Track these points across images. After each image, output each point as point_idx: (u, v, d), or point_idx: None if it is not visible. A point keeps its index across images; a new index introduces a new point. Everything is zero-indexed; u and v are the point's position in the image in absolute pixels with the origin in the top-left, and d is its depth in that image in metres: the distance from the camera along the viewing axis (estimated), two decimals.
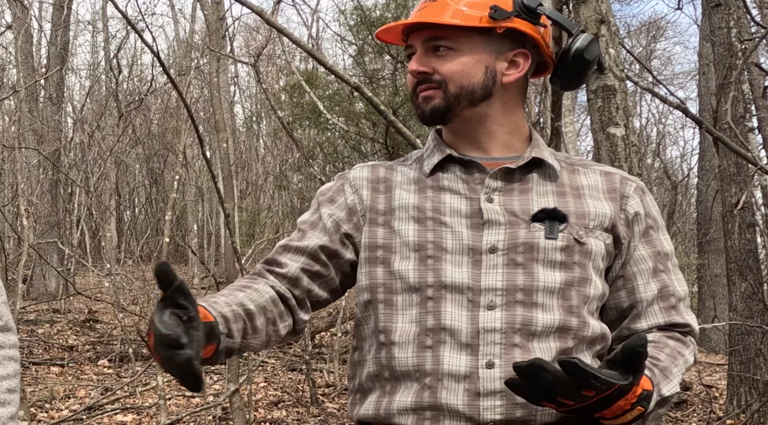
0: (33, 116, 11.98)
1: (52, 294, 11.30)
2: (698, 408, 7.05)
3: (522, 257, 1.39)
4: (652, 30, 20.45)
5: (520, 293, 1.37)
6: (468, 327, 1.36)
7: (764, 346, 6.24)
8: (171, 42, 20.71)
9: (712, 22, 6.63)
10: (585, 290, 1.41)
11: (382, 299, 1.42)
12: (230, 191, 5.99)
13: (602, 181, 1.50)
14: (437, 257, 1.39)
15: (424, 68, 1.46)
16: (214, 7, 7.63)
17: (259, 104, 18.97)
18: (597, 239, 1.43)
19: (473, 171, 1.47)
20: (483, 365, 1.34)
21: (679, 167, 22.19)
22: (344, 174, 1.56)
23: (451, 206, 1.44)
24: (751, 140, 5.63)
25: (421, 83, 1.47)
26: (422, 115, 1.48)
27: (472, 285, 1.37)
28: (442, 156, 1.49)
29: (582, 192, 1.47)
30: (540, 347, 1.36)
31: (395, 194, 1.48)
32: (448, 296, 1.37)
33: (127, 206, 19.99)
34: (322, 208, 1.52)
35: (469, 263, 1.39)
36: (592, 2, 2.78)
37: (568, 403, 1.23)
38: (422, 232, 1.42)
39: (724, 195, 6.60)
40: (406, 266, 1.41)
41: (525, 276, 1.38)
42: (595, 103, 2.74)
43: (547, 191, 1.46)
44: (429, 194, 1.47)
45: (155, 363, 5.65)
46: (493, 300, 1.37)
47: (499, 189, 1.45)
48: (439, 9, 1.45)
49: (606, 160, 2.69)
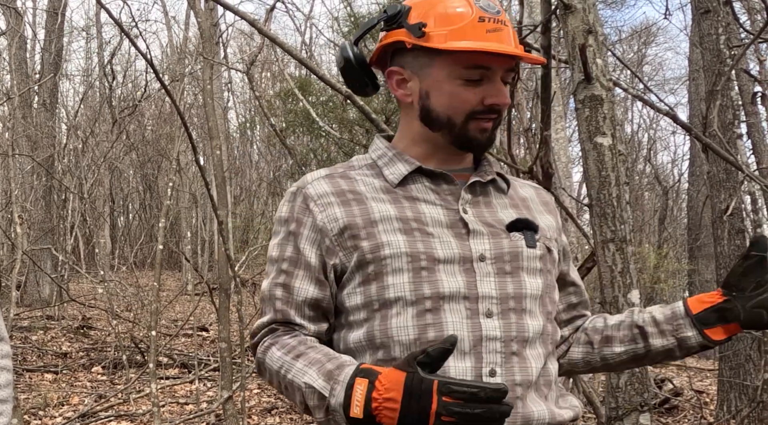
0: (27, 123, 11.99)
1: (46, 301, 11.29)
2: (689, 414, 7.09)
3: (509, 265, 1.43)
4: (643, 36, 20.55)
5: (512, 300, 1.41)
6: (470, 336, 1.36)
7: (754, 352, 6.27)
8: (165, 48, 20.72)
9: (702, 28, 6.67)
10: (553, 295, 1.51)
11: (379, 316, 1.40)
12: (223, 198, 6.01)
13: (534, 194, 1.60)
14: (431, 269, 1.39)
15: (509, 101, 1.45)
16: (207, 13, 7.66)
17: (253, 110, 19.00)
18: (555, 248, 1.53)
19: (441, 183, 1.48)
20: (486, 373, 1.36)
21: (670, 172, 22.30)
22: (301, 190, 1.49)
23: (431, 216, 1.44)
24: (740, 147, 5.67)
25: (491, 113, 1.44)
26: (479, 145, 1.47)
27: (468, 294, 1.38)
28: (410, 167, 1.48)
29: (528, 204, 1.55)
30: (531, 353, 1.40)
31: (371, 206, 1.44)
32: (446, 306, 1.37)
33: (121, 212, 19.98)
34: (299, 240, 1.47)
35: (461, 272, 1.39)
36: (579, 13, 2.81)
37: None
38: (412, 242, 1.40)
39: (714, 201, 6.65)
40: (401, 280, 1.39)
41: (514, 284, 1.42)
42: (583, 112, 2.77)
43: (505, 204, 1.51)
44: (405, 204, 1.45)
45: (146, 373, 5.62)
46: (490, 308, 1.39)
47: (469, 201, 1.47)
48: (514, 37, 1.45)
49: (593, 169, 2.72)
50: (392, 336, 1.38)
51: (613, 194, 2.66)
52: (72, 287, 12.35)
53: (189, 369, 8.16)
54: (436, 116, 1.46)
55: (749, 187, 5.48)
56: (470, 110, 1.44)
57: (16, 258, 7.46)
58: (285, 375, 1.38)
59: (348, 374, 1.28)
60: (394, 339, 1.37)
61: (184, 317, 10.69)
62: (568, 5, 2.75)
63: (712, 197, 6.86)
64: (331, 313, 1.47)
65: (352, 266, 1.42)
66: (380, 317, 1.40)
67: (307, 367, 1.35)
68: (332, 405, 1.28)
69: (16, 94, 10.45)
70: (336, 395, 1.27)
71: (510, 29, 1.45)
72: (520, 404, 1.37)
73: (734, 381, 6.41)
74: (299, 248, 1.46)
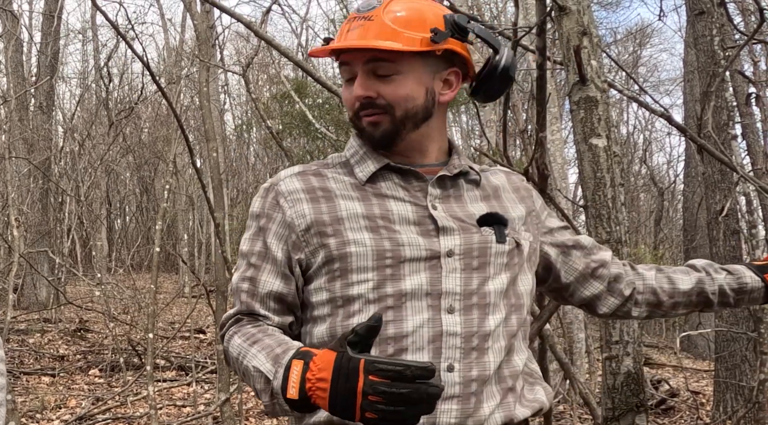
0: (23, 125, 11.98)
1: (43, 304, 11.28)
2: (685, 415, 7.10)
3: (477, 261, 1.45)
4: (638, 37, 20.59)
5: (475, 296, 1.43)
6: (430, 332, 1.39)
7: (750, 353, 6.29)
8: (161, 51, 20.72)
9: (696, 29, 6.70)
10: (520, 288, 1.51)
11: (342, 312, 1.43)
12: (220, 200, 6.01)
13: (505, 180, 1.62)
14: (395, 266, 1.41)
15: (369, 93, 1.46)
16: (203, 16, 7.66)
17: (250, 112, 18.99)
18: (525, 240, 1.54)
19: (410, 179, 1.51)
20: (444, 368, 1.38)
21: (666, 173, 22.31)
22: (273, 187, 1.53)
23: (399, 214, 1.46)
24: (735, 148, 5.69)
25: (365, 108, 1.48)
26: (371, 140, 1.50)
27: (431, 290, 1.40)
28: (379, 164, 1.50)
29: (499, 193, 1.57)
30: (493, 346, 1.42)
31: (339, 203, 1.47)
32: (408, 303, 1.39)
33: (118, 214, 19.97)
34: (267, 235, 1.50)
35: (426, 269, 1.41)
36: (574, 14, 2.82)
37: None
38: (378, 240, 1.42)
39: (709, 202, 6.67)
40: (365, 277, 1.41)
41: (478, 280, 1.44)
42: (578, 114, 2.78)
43: (477, 197, 1.54)
44: (374, 201, 1.47)
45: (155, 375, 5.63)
46: (452, 304, 1.40)
47: (439, 197, 1.50)
48: (377, 30, 1.45)
49: (588, 170, 2.73)
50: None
51: (608, 195, 2.67)
52: (69, 289, 12.34)
53: (186, 371, 8.16)
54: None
55: (744, 188, 5.49)
56: (353, 107, 1.50)
57: (13, 261, 7.46)
58: (242, 361, 1.40)
59: (289, 356, 1.30)
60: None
61: (181, 319, 10.69)
62: (562, 7, 2.76)
63: (707, 198, 6.87)
64: (297, 307, 1.50)
65: (318, 262, 1.45)
66: (343, 314, 1.42)
67: (259, 352, 1.37)
68: (274, 388, 1.30)
69: (12, 97, 10.45)
70: (277, 377, 1.30)
71: (379, 21, 1.46)
72: (473, 400, 1.38)
73: (730, 382, 6.42)
74: (267, 243, 1.50)
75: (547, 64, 3.33)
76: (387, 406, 1.17)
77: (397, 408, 1.17)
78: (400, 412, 1.17)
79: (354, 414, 1.19)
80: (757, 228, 5.43)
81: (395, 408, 1.17)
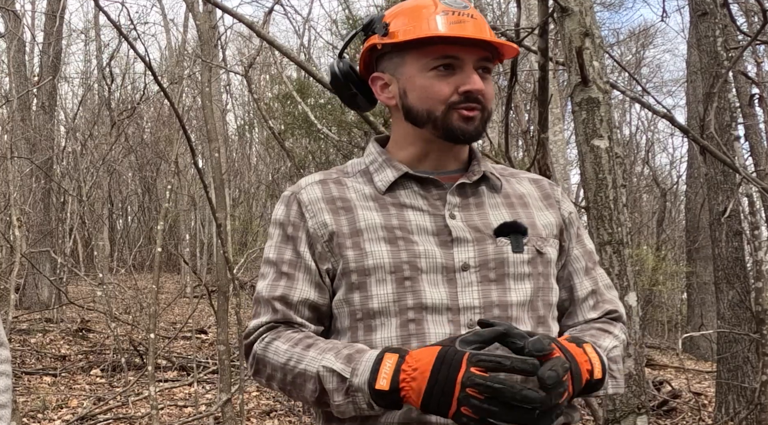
0: (25, 125, 11.98)
1: (45, 304, 11.29)
2: (687, 416, 7.09)
3: (494, 273, 1.41)
4: (640, 38, 20.57)
5: (496, 309, 1.39)
6: None
7: (752, 354, 6.28)
8: (163, 51, 20.74)
9: (699, 30, 6.69)
10: (548, 298, 1.46)
11: (362, 326, 1.40)
12: (222, 200, 6.02)
13: (534, 188, 1.57)
14: (414, 278, 1.38)
15: (486, 89, 1.46)
16: (206, 16, 7.66)
17: (252, 112, 19.01)
18: (551, 247, 1.49)
19: (430, 188, 1.49)
20: None
21: (668, 174, 22.27)
22: (295, 196, 1.51)
23: (417, 224, 1.44)
24: (738, 149, 5.68)
25: (471, 101, 1.44)
26: (465, 134, 1.46)
27: (451, 305, 1.37)
28: (397, 173, 1.49)
29: (525, 201, 1.52)
30: None
31: (358, 214, 1.45)
32: (428, 317, 1.37)
33: (120, 214, 19.97)
34: (298, 244, 1.48)
35: (444, 283, 1.39)
36: (576, 15, 2.81)
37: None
38: (395, 252, 1.40)
39: (711, 203, 6.66)
40: (384, 290, 1.39)
41: (498, 292, 1.40)
42: (580, 115, 2.78)
43: (498, 204, 1.50)
44: (392, 211, 1.45)
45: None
46: (472, 319, 1.37)
47: (458, 205, 1.47)
48: (484, 28, 1.46)
49: (590, 171, 2.73)
50: (376, 346, 1.37)
51: (609, 196, 2.66)
52: (71, 289, 12.34)
53: (188, 371, 8.16)
54: (417, 112, 1.47)
55: (747, 189, 5.48)
56: (447, 100, 1.44)
57: (15, 261, 7.46)
58: (295, 366, 1.37)
59: (373, 354, 1.29)
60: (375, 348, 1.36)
61: (183, 319, 10.69)
62: (565, 8, 2.76)
63: (709, 199, 6.87)
64: (327, 317, 1.47)
65: (339, 273, 1.43)
66: (364, 327, 1.40)
67: (323, 353, 1.35)
68: (355, 383, 1.28)
69: (14, 97, 10.45)
70: (360, 373, 1.28)
71: (480, 21, 1.46)
72: None
73: (732, 383, 6.41)
74: (299, 251, 1.47)
75: (550, 65, 3.33)
76: (482, 403, 1.15)
77: (491, 407, 1.15)
78: (494, 413, 1.15)
79: (449, 407, 1.18)
80: (760, 229, 5.42)
81: (490, 407, 1.15)
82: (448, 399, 1.17)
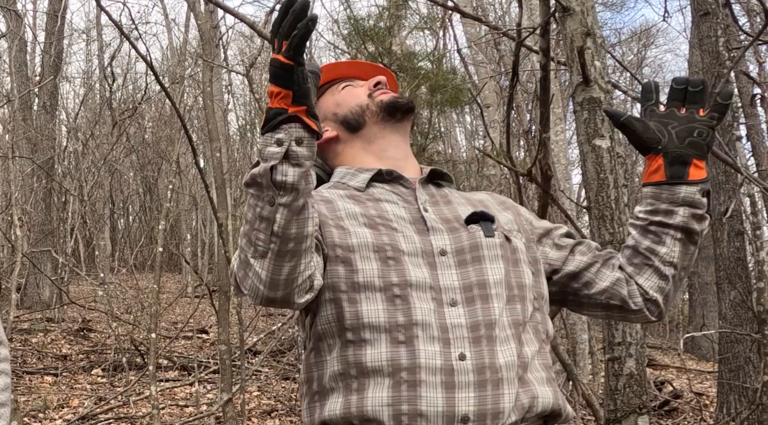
0: (27, 125, 11.99)
1: (46, 303, 11.29)
2: (689, 416, 7.09)
3: (470, 256, 1.47)
4: (642, 38, 20.56)
5: (476, 288, 1.44)
6: (437, 322, 1.39)
7: (753, 354, 6.28)
8: (165, 51, 20.74)
9: (701, 30, 6.68)
10: (521, 280, 1.51)
11: (346, 298, 1.42)
12: (223, 200, 6.01)
13: (488, 196, 1.68)
14: (397, 259, 1.43)
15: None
16: (207, 16, 7.67)
17: (253, 112, 19.00)
18: (517, 239, 1.56)
19: (398, 186, 1.59)
20: (456, 357, 1.37)
21: None
22: None
23: (394, 213, 1.51)
24: (739, 149, 5.68)
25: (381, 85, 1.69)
26: (399, 101, 1.65)
27: (433, 284, 1.43)
28: (371, 173, 1.59)
29: (485, 204, 1.62)
30: (500, 335, 1.41)
31: (338, 204, 1.52)
32: (414, 293, 1.41)
33: (121, 214, 19.98)
34: None
35: (425, 265, 1.45)
36: (578, 15, 2.81)
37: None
38: (377, 235, 1.46)
39: (713, 203, 6.64)
40: (369, 266, 1.43)
41: (476, 272, 1.45)
42: (581, 115, 2.78)
43: (462, 201, 1.60)
44: (369, 204, 1.53)
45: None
46: (454, 298, 1.43)
47: (428, 201, 1.57)
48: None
49: (592, 171, 2.73)
50: (362, 318, 1.39)
51: (611, 196, 2.66)
52: (72, 289, 12.35)
53: (189, 371, 8.16)
54: (351, 114, 1.64)
55: (748, 189, 5.48)
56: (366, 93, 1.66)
57: (16, 260, 7.47)
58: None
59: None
60: (364, 322, 1.39)
61: (184, 319, 10.70)
62: (566, 8, 2.76)
63: (711, 199, 6.85)
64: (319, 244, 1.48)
65: (325, 245, 1.45)
66: (348, 300, 1.42)
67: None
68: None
69: (16, 97, 10.45)
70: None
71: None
72: (489, 387, 1.36)
73: (734, 383, 6.41)
74: None
75: (551, 64, 3.32)
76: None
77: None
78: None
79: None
80: (762, 229, 5.42)
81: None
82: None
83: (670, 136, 1.47)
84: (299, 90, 1.27)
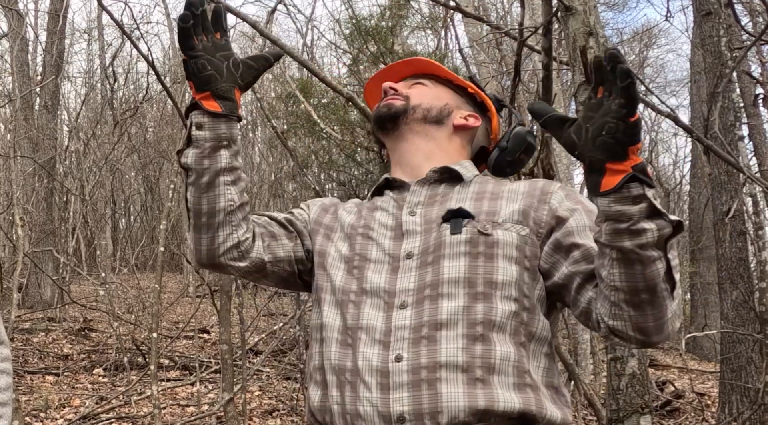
0: (28, 125, 11.99)
1: (47, 303, 11.29)
2: (690, 416, 7.08)
3: (432, 256, 1.49)
4: (644, 38, 20.55)
5: (428, 289, 1.45)
6: (382, 326, 1.44)
7: (755, 354, 6.27)
8: (166, 50, 20.74)
9: (703, 30, 6.68)
10: (491, 277, 1.43)
11: (320, 299, 1.56)
12: None
13: (525, 185, 1.56)
14: (361, 267, 1.53)
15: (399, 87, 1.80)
16: None
17: (255, 112, 19.00)
18: (507, 230, 1.47)
19: (403, 191, 1.64)
20: (392, 358, 1.40)
21: (672, 174, 22.25)
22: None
23: (380, 221, 1.59)
24: (741, 149, 5.67)
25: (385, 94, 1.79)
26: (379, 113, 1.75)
27: (389, 289, 1.48)
28: (381, 182, 1.68)
29: (501, 196, 1.55)
30: (447, 334, 1.39)
31: (339, 214, 1.66)
32: (367, 300, 1.49)
33: (123, 214, 19.98)
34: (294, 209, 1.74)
35: (388, 270, 1.51)
36: (580, 14, 2.81)
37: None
38: (351, 246, 1.58)
39: (715, 203, 6.65)
40: (335, 273, 1.56)
41: (432, 273, 1.47)
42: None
43: (466, 198, 1.57)
44: (364, 213, 1.63)
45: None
46: (405, 300, 1.46)
47: (422, 203, 1.60)
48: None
49: None
50: (323, 319, 1.53)
51: None
52: (73, 289, 12.35)
53: (190, 371, 8.16)
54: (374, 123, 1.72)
55: (751, 189, 5.47)
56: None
57: (18, 260, 7.46)
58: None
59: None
60: (324, 323, 1.52)
61: (186, 319, 10.70)
62: (568, 7, 2.75)
63: (713, 199, 6.86)
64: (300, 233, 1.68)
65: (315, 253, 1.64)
66: (320, 302, 1.56)
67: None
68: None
69: (17, 97, 10.45)
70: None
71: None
72: (425, 386, 1.37)
73: (736, 384, 6.40)
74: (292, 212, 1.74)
75: (553, 64, 3.32)
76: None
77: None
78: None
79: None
80: (764, 229, 5.41)
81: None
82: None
83: (585, 137, 1.23)
84: (197, 79, 1.45)
